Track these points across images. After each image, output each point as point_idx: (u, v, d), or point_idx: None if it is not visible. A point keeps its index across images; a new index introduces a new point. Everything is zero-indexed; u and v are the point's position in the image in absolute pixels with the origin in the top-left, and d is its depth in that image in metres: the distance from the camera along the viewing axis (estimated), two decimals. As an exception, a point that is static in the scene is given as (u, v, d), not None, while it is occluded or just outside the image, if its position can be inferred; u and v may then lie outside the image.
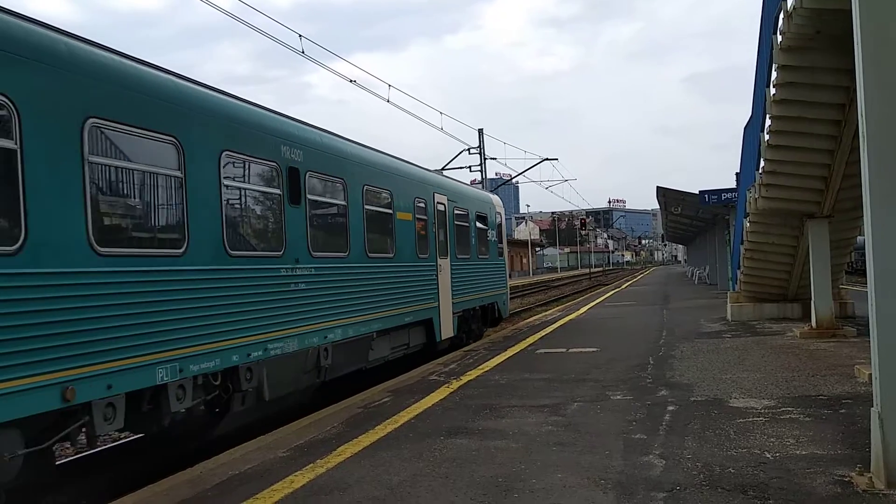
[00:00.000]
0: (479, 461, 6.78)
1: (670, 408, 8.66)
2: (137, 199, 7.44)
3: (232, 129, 8.76)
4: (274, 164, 9.54)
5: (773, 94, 12.56)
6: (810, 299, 15.00)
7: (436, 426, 8.32)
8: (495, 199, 21.18)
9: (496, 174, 64.72)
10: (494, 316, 20.10)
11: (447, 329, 15.79)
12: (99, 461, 8.93)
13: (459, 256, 16.89)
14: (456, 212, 16.88)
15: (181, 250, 7.69)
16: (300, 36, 18.70)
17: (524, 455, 6.90)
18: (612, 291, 41.60)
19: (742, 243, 17.97)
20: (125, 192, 7.31)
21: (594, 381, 10.75)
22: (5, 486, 5.99)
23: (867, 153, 5.53)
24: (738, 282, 19.71)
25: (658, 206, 48.23)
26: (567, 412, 8.75)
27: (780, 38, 11.42)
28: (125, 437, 9.60)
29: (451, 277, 16.14)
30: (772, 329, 16.62)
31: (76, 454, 9.02)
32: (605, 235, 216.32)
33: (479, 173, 39.08)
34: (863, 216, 5.77)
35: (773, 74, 12.43)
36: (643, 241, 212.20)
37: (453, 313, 16.13)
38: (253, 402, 9.04)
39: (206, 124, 8.28)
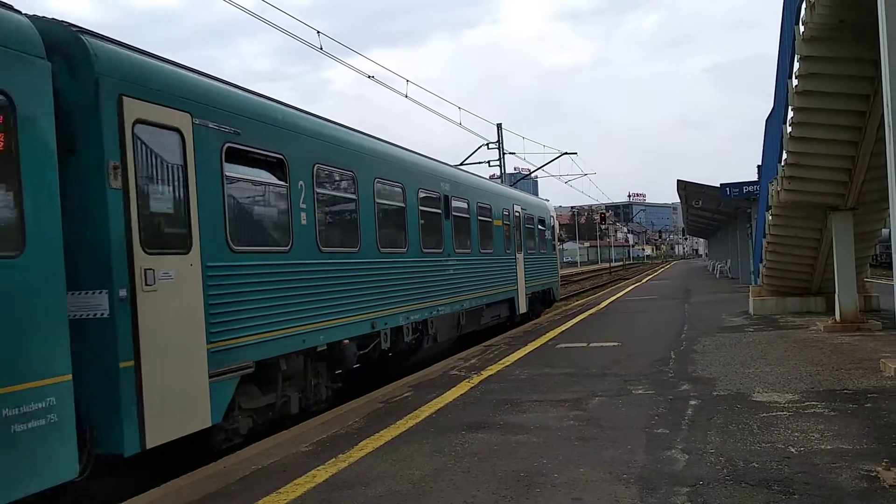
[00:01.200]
0: (500, 455, 6.78)
1: (693, 402, 8.62)
2: (389, 222, 12.35)
3: (423, 175, 14.10)
4: (438, 193, 14.82)
5: (796, 86, 12.43)
6: (834, 293, 14.86)
7: (457, 421, 8.34)
8: (550, 205, 27.14)
9: (515, 169, 64.58)
10: (550, 298, 25.53)
11: (523, 306, 20.78)
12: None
13: (529, 252, 21.91)
14: (526, 217, 22.04)
15: (404, 249, 12.79)
16: (318, 32, 18.75)
17: (546, 449, 6.89)
18: (633, 286, 41.40)
19: (764, 236, 17.83)
20: (390, 219, 12.38)
21: (615, 376, 10.72)
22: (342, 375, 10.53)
23: (892, 144, 5.47)
24: (761, 275, 19.56)
25: (679, 200, 47.92)
26: (588, 407, 8.73)
27: (802, 28, 11.31)
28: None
29: (524, 268, 21.10)
30: (795, 323, 16.48)
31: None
32: (626, 229, 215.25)
33: (498, 168, 38.99)
34: (888, 208, 5.70)
35: (796, 65, 12.30)
36: (663, 235, 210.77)
37: (526, 294, 21.12)
38: (432, 342, 14.21)
39: (413, 175, 13.51)
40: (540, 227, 23.88)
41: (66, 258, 5.88)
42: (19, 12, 5.95)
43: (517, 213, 20.85)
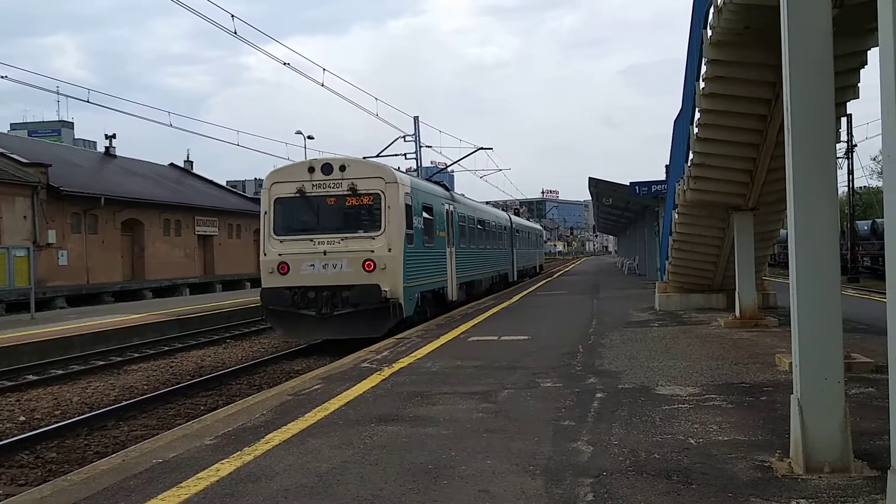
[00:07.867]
0: (409, 448, 6.75)
1: (599, 395, 8.78)
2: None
3: (522, 226, 46.06)
4: (535, 231, 55.81)
5: (703, 88, 12.78)
6: (735, 290, 15.41)
7: (367, 413, 8.26)
8: (540, 226, 66.02)
9: (431, 162, 64.61)
10: (542, 270, 55.63)
11: (538, 269, 53.33)
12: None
13: (537, 248, 54.56)
14: (537, 232, 55.60)
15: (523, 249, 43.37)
16: (233, 16, 18.33)
17: (454, 442, 6.90)
18: (544, 280, 42.06)
19: (671, 234, 18.32)
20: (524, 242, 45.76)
21: (525, 369, 10.83)
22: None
23: (791, 147, 5.67)
24: (667, 272, 20.11)
25: (590, 197, 49.67)
26: (498, 399, 8.79)
27: (709, 32, 11.63)
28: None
29: (538, 255, 54.66)
30: (698, 318, 17.03)
31: None
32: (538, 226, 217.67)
33: (415, 161, 38.96)
34: (786, 209, 5.92)
35: (703, 69, 12.66)
36: (575, 232, 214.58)
37: (538, 265, 54.20)
38: (516, 277, 39.37)
39: (530, 233, 49.67)
40: (539, 237, 54.58)
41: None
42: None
43: (537, 232, 51.41)
